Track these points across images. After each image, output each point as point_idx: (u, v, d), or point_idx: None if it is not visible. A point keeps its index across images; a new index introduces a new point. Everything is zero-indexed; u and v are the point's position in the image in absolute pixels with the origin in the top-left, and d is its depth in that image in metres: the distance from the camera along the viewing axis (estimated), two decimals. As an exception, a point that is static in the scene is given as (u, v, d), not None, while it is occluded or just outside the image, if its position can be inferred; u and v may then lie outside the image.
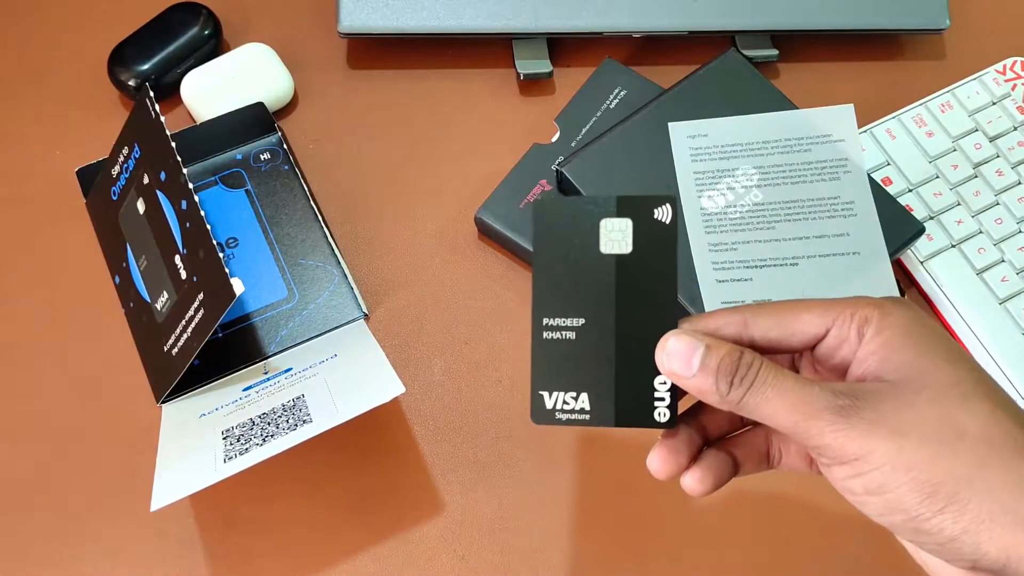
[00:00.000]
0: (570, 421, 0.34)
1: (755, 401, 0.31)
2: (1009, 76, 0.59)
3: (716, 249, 0.52)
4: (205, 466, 0.43)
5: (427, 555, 0.48)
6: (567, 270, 0.34)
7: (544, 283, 0.34)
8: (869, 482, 0.30)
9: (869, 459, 0.29)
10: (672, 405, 0.33)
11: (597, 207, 0.33)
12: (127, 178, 0.53)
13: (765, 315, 0.33)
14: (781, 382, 0.30)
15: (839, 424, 0.29)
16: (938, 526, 0.29)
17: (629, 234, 0.33)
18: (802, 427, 0.30)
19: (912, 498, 0.29)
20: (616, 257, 0.33)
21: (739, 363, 0.31)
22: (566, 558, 0.49)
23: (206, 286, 0.47)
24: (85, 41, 0.62)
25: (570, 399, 0.34)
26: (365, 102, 0.61)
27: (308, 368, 0.49)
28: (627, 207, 0.33)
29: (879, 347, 0.31)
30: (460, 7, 0.58)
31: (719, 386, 0.31)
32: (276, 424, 0.45)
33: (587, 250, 0.33)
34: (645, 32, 0.59)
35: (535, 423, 0.34)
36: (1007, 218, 0.55)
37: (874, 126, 0.58)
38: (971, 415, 0.29)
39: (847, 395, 0.30)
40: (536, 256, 0.34)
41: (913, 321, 0.31)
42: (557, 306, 0.34)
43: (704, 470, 0.35)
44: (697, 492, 0.35)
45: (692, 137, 0.54)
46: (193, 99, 0.58)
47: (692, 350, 0.31)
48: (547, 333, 0.34)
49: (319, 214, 0.56)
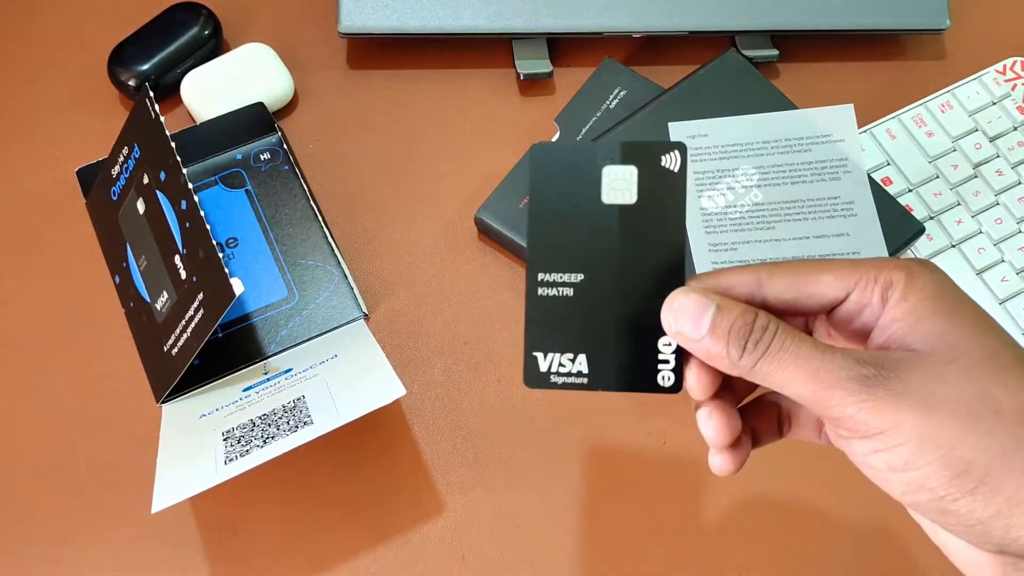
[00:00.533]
0: (566, 385, 0.32)
1: (769, 368, 0.28)
2: (1009, 76, 0.59)
3: (716, 249, 0.52)
4: (206, 468, 0.43)
5: (427, 555, 0.48)
6: (566, 221, 0.31)
7: (540, 235, 0.31)
8: (894, 458, 0.27)
9: (895, 433, 0.27)
10: (677, 368, 0.31)
11: (600, 154, 0.31)
12: (127, 178, 0.53)
13: (781, 274, 0.30)
14: (799, 347, 0.28)
15: (863, 395, 0.27)
16: (967, 507, 0.27)
17: (634, 183, 0.31)
18: (821, 397, 0.28)
19: (940, 477, 0.27)
20: (619, 207, 0.31)
21: (753, 325, 0.29)
22: (566, 558, 0.49)
23: (206, 286, 0.47)
24: (85, 41, 0.62)
25: (567, 361, 0.31)
26: (365, 102, 0.61)
27: (308, 368, 0.49)
28: (632, 154, 0.31)
29: (905, 313, 0.29)
30: (460, 7, 0.58)
31: (730, 350, 0.29)
32: (277, 425, 0.45)
33: (588, 200, 0.31)
34: (645, 32, 0.59)
35: (528, 387, 0.32)
36: (1007, 218, 0.55)
37: (874, 126, 0.58)
38: (1007, 390, 0.27)
39: (871, 364, 0.27)
40: (532, 206, 0.31)
41: (942, 286, 0.29)
42: (554, 260, 0.31)
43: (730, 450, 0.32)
44: (728, 472, 0.32)
45: (692, 137, 0.54)
46: (193, 99, 0.58)
47: (702, 310, 0.29)
48: (542, 289, 0.31)
49: (319, 214, 0.56)
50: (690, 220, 0.52)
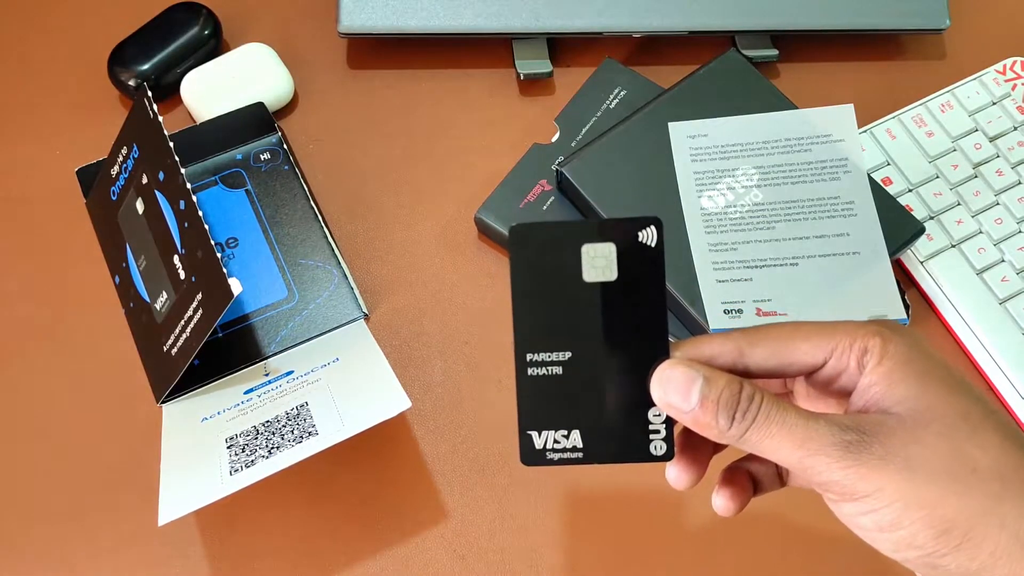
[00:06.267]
0: (563, 460, 0.32)
1: (757, 436, 0.30)
2: (1009, 76, 0.59)
3: (716, 249, 0.52)
4: (211, 478, 0.43)
5: (427, 555, 0.48)
6: (549, 301, 0.32)
7: (525, 317, 0.32)
8: (881, 519, 0.29)
9: (879, 496, 0.28)
10: (668, 437, 0.32)
11: (577, 232, 0.31)
12: (126, 178, 0.53)
13: (761, 344, 0.32)
14: (784, 416, 0.29)
15: (847, 460, 0.28)
16: (955, 562, 0.28)
17: (613, 260, 0.31)
18: (808, 463, 0.29)
19: (926, 535, 0.28)
20: (601, 285, 0.31)
21: (740, 396, 0.30)
22: (566, 558, 0.48)
23: (204, 286, 0.47)
24: (85, 41, 0.62)
25: (561, 437, 0.32)
26: (365, 102, 0.61)
27: (310, 372, 0.49)
28: (609, 231, 0.31)
29: (881, 377, 0.30)
30: (460, 7, 0.58)
31: (719, 421, 0.30)
32: (281, 435, 0.45)
33: (569, 279, 0.31)
34: (645, 32, 0.59)
35: (525, 464, 0.32)
36: (1007, 218, 0.55)
37: (874, 126, 0.58)
38: (982, 449, 0.29)
39: (854, 429, 0.29)
40: (515, 287, 0.32)
41: (914, 350, 0.30)
42: (541, 340, 0.32)
43: (732, 490, 0.35)
44: (729, 513, 0.35)
45: (692, 137, 0.54)
46: (193, 99, 0.58)
47: (690, 382, 0.30)
48: (532, 369, 0.32)
49: (319, 214, 0.56)
50: (690, 220, 0.52)
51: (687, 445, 0.34)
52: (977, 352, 0.53)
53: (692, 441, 0.34)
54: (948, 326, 0.54)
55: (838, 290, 0.50)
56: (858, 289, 0.50)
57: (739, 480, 0.35)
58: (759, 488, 0.36)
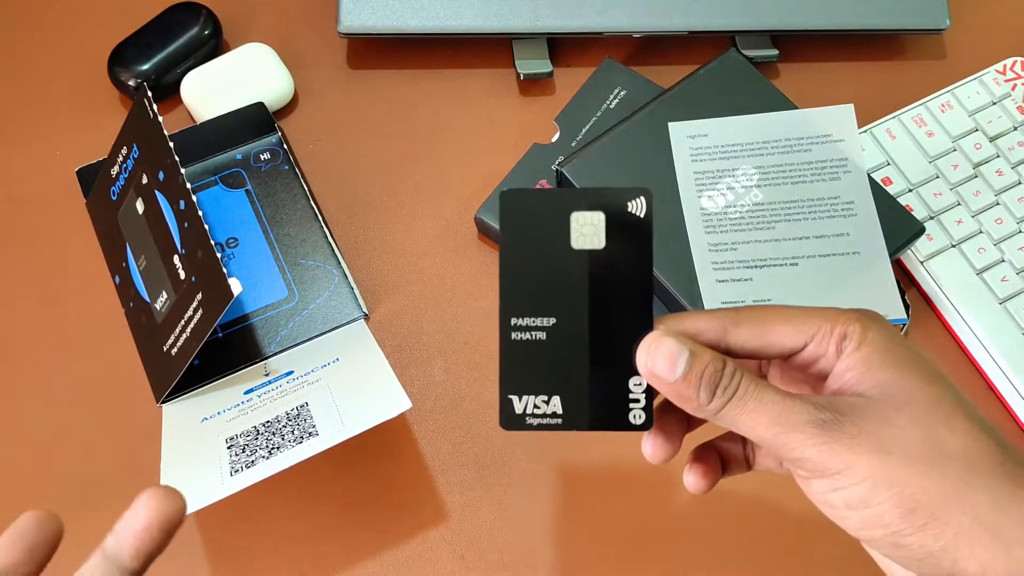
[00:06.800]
0: (541, 426, 0.32)
1: (735, 413, 0.30)
2: (1009, 76, 0.59)
3: (716, 249, 0.52)
4: (212, 479, 0.43)
5: (427, 554, 0.48)
6: (536, 266, 0.32)
7: (512, 280, 0.32)
8: (849, 496, 0.30)
9: (850, 473, 0.29)
10: (647, 407, 0.32)
11: (567, 200, 0.32)
12: (126, 178, 0.53)
13: (745, 324, 0.32)
14: (762, 394, 0.30)
15: (820, 437, 0.29)
16: (919, 542, 0.29)
17: (602, 228, 0.32)
18: (782, 440, 0.30)
19: (893, 513, 0.29)
20: (588, 253, 0.32)
21: (723, 372, 0.31)
22: (566, 558, 0.48)
23: (204, 286, 0.47)
24: (85, 41, 0.62)
25: (541, 403, 0.32)
26: (365, 102, 0.61)
27: (310, 372, 0.49)
28: (599, 200, 0.32)
29: (858, 363, 0.31)
30: (460, 7, 0.58)
31: (700, 394, 0.31)
32: (281, 435, 0.45)
33: (557, 245, 0.32)
34: (645, 32, 0.59)
35: (504, 429, 0.32)
36: (1007, 218, 0.55)
37: (874, 126, 0.58)
38: (952, 433, 0.30)
39: (828, 409, 0.30)
40: (503, 251, 0.32)
41: (891, 339, 0.31)
42: (526, 305, 0.32)
43: (703, 467, 0.36)
44: (700, 490, 0.36)
45: (692, 137, 0.54)
46: (193, 99, 0.58)
47: (676, 354, 0.31)
48: (516, 334, 0.32)
49: (319, 214, 0.56)
50: (690, 220, 0.52)
51: (663, 420, 0.34)
52: (977, 352, 0.53)
53: (668, 417, 0.34)
54: (948, 326, 0.54)
55: (838, 290, 0.50)
56: (858, 289, 0.50)
57: (709, 459, 0.36)
58: (727, 469, 0.37)
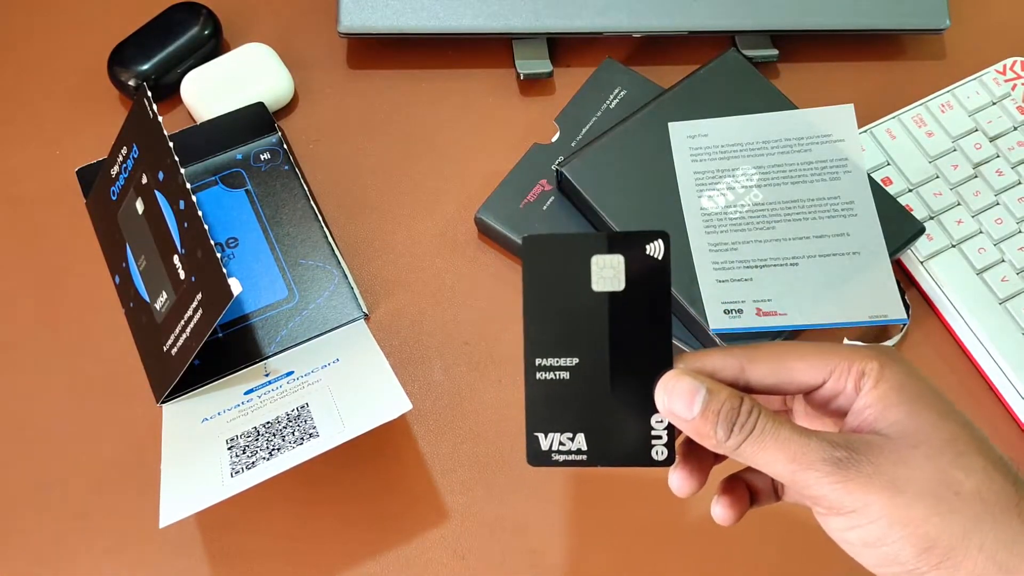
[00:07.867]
0: (567, 462, 0.33)
1: (752, 449, 0.31)
2: (1009, 76, 0.59)
3: (716, 249, 0.52)
4: (212, 480, 0.43)
5: (427, 555, 0.48)
6: (559, 309, 0.33)
7: (536, 323, 0.33)
8: (866, 535, 0.30)
9: (866, 512, 0.30)
10: (669, 443, 0.33)
11: (588, 244, 0.33)
12: (126, 178, 0.53)
13: (762, 361, 0.33)
14: (779, 431, 0.31)
15: (836, 476, 0.30)
16: None
17: (621, 271, 0.33)
18: (799, 477, 0.30)
19: (908, 552, 0.29)
20: (609, 295, 0.33)
21: (740, 410, 0.31)
22: (566, 558, 0.48)
23: (204, 286, 0.47)
24: (85, 41, 0.62)
25: (566, 440, 0.33)
26: (365, 102, 0.61)
27: (311, 372, 0.49)
28: (618, 243, 0.33)
29: (875, 400, 0.32)
30: (460, 7, 0.58)
31: (718, 432, 0.31)
32: (282, 436, 0.45)
33: (579, 288, 0.33)
34: (645, 32, 0.59)
35: (531, 465, 0.34)
36: (1007, 218, 0.55)
37: (874, 126, 0.58)
38: (966, 472, 0.30)
39: (844, 447, 0.30)
40: (527, 295, 0.33)
41: (908, 376, 0.32)
42: (550, 346, 0.33)
43: (730, 499, 0.36)
44: (727, 521, 0.36)
45: (692, 137, 0.54)
46: (193, 99, 0.58)
47: (694, 392, 0.31)
48: (540, 374, 0.33)
49: (319, 214, 0.56)
50: (690, 220, 0.52)
51: (689, 455, 0.35)
52: (977, 352, 0.53)
53: (694, 451, 0.35)
54: (948, 326, 0.54)
55: (838, 290, 0.50)
56: (858, 289, 0.50)
57: (737, 490, 0.37)
58: (756, 500, 0.37)
